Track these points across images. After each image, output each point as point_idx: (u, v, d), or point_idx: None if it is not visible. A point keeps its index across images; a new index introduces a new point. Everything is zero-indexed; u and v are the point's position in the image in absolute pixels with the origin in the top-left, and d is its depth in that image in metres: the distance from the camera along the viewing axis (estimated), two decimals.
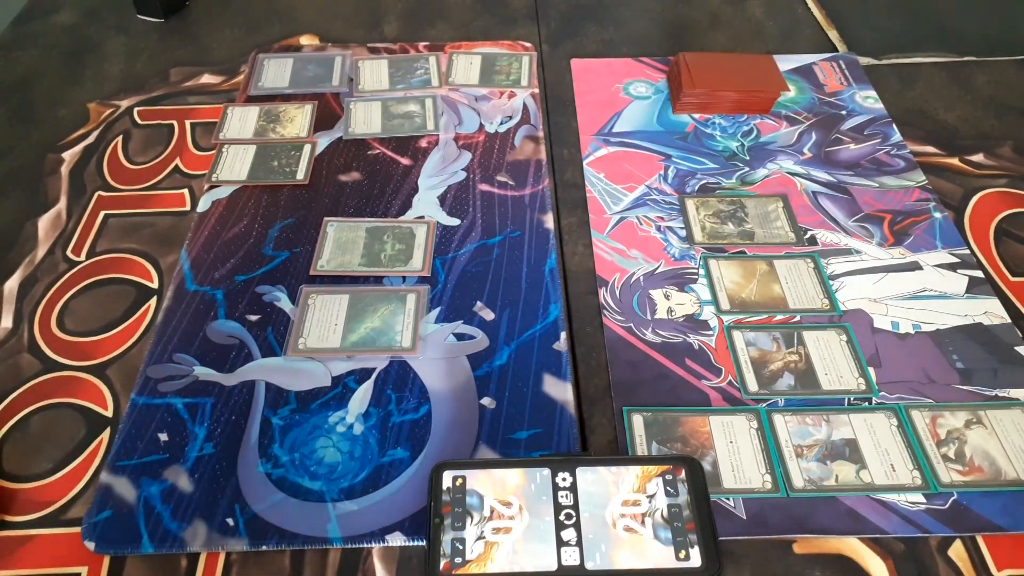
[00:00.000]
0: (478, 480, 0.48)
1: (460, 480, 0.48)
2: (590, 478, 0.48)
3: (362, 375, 0.58)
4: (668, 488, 0.48)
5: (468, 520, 0.47)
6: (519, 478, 0.48)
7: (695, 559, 0.45)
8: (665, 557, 0.45)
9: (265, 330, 0.61)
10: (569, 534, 0.46)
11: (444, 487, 0.48)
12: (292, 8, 1.00)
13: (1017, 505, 0.51)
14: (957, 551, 0.49)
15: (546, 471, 0.49)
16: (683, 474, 0.48)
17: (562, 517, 0.47)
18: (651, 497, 0.47)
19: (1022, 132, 0.80)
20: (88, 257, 0.68)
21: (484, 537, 0.46)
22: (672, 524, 0.46)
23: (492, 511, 0.47)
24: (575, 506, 0.47)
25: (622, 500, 0.47)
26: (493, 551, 0.45)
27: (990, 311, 0.63)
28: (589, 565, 0.45)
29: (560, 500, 0.47)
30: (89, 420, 0.56)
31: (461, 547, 0.45)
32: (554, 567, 0.45)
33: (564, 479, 0.48)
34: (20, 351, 0.61)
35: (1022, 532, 0.50)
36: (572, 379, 0.58)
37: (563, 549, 0.45)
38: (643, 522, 0.46)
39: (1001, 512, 0.50)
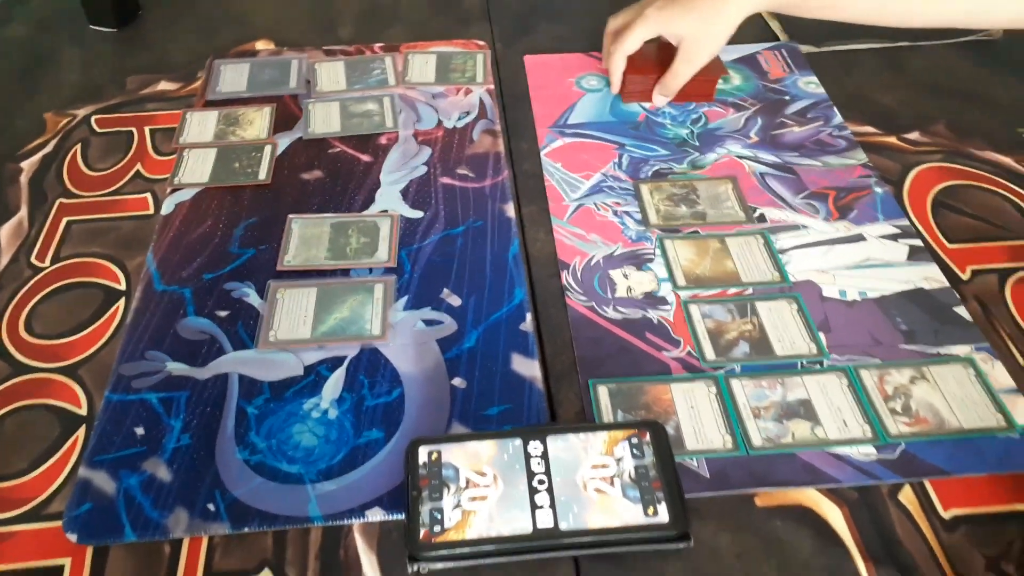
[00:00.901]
0: (453, 453, 0.50)
1: (435, 454, 0.50)
2: (560, 445, 0.50)
3: (334, 363, 0.60)
4: (634, 451, 0.50)
5: (445, 491, 0.48)
6: (492, 449, 0.50)
7: (663, 515, 0.47)
8: (634, 514, 0.47)
9: (235, 325, 0.62)
10: (542, 498, 0.48)
11: (420, 462, 0.50)
12: (246, 14, 1.01)
13: (960, 451, 0.54)
14: (907, 496, 0.52)
15: (518, 441, 0.51)
16: (648, 437, 0.51)
17: (535, 483, 0.48)
18: (619, 460, 0.50)
19: (955, 111, 0.85)
20: (53, 263, 0.68)
21: (461, 506, 0.48)
22: (640, 484, 0.48)
23: (468, 481, 0.49)
24: (547, 472, 0.49)
25: (591, 464, 0.49)
26: (470, 518, 0.47)
27: (929, 276, 0.66)
28: (563, 525, 0.47)
29: (532, 467, 0.49)
30: (63, 419, 0.57)
31: (439, 516, 0.47)
32: (530, 529, 0.47)
33: (535, 448, 0.50)
34: None
35: (965, 475, 0.53)
36: (539, 357, 0.60)
37: (537, 512, 0.47)
38: (612, 483, 0.48)
39: (946, 458, 0.53)
